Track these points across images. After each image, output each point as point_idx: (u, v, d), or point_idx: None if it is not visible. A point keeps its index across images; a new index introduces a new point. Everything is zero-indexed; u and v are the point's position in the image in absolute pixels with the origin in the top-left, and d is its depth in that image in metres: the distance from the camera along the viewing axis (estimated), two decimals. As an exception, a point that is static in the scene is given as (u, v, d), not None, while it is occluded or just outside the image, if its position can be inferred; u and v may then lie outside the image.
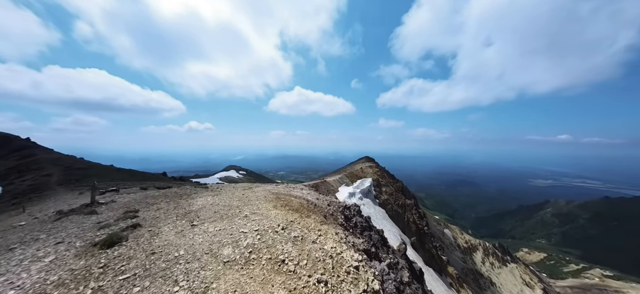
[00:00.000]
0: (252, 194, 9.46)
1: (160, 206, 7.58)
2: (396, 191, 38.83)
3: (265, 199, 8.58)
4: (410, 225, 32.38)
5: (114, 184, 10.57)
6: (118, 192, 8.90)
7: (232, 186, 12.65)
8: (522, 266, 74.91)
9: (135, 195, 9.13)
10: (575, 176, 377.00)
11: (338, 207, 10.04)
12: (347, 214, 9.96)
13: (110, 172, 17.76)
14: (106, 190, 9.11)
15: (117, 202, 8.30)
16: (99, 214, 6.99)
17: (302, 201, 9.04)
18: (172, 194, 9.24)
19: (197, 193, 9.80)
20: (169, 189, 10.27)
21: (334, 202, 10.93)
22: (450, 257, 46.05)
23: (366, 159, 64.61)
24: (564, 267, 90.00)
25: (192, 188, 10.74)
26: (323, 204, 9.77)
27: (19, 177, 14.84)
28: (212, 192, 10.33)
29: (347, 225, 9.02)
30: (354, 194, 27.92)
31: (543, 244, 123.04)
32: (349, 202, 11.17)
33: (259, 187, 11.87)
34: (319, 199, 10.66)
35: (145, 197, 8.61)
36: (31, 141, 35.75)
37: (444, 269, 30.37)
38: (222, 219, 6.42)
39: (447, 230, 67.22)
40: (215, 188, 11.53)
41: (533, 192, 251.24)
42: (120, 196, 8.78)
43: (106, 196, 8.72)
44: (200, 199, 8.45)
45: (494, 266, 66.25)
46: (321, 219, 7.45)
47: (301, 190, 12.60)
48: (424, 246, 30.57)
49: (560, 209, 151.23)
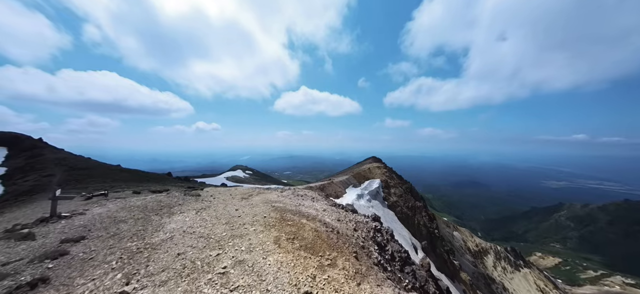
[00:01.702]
0: (248, 211, 7.43)
1: (118, 230, 5.73)
2: (405, 193, 37.60)
3: (264, 223, 6.27)
4: (420, 228, 31.15)
5: (106, 187, 10.08)
6: (106, 197, 8.29)
7: (229, 194, 10.61)
8: (536, 272, 72.00)
9: (115, 204, 7.76)
10: (590, 178, 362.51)
11: (368, 232, 7.50)
12: (380, 240, 7.51)
13: (115, 173, 17.49)
14: (93, 194, 8.51)
15: (85, 216, 6.81)
16: (36, 239, 5.45)
17: (319, 228, 6.29)
18: (152, 206, 7.64)
19: (182, 204, 8.10)
20: (157, 196, 9.12)
21: (360, 222, 8.17)
22: (461, 261, 44.40)
23: (373, 160, 63.37)
24: (581, 273, 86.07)
25: (181, 196, 9.21)
26: (348, 230, 7.00)
27: (22, 178, 14.70)
28: (200, 204, 8.27)
29: (383, 258, 6.67)
30: (362, 196, 26.96)
31: (558, 249, 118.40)
32: (378, 226, 8.58)
33: (259, 196, 9.71)
34: (340, 220, 7.72)
35: (120, 210, 7.17)
36: (43, 141, 36.34)
37: (457, 275, 29.03)
38: (181, 279, 3.89)
39: (457, 233, 65.22)
40: (207, 197, 9.60)
41: (546, 194, 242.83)
42: (97, 206, 7.66)
43: (87, 204, 7.82)
44: (177, 219, 6.57)
45: (507, 271, 63.86)
46: (352, 263, 4.92)
47: (313, 201, 9.94)
48: (436, 250, 29.30)
49: (576, 211, 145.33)
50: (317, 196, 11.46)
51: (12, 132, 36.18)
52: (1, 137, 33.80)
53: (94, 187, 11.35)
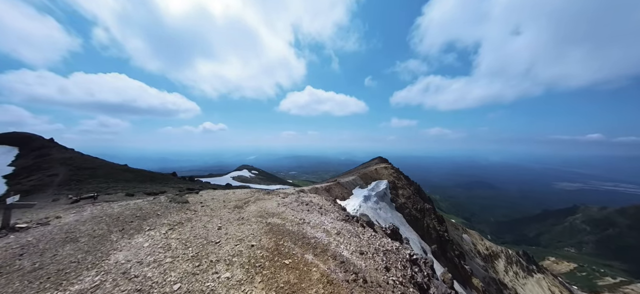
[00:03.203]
0: (234, 231, 5.77)
1: (53, 258, 4.47)
2: (414, 194, 36.53)
3: (248, 261, 4.38)
4: (430, 231, 30.07)
5: (105, 188, 9.74)
6: (94, 201, 7.85)
7: (223, 200, 9.10)
8: (550, 277, 69.26)
9: (90, 212, 6.90)
10: (606, 179, 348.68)
11: (403, 269, 5.43)
12: (421, 280, 5.59)
13: (119, 173, 17.35)
14: (80, 197, 8.07)
15: (43, 228, 5.90)
16: None
17: (334, 274, 4.22)
18: (125, 217, 6.69)
19: (160, 215, 6.90)
20: (142, 202, 8.16)
21: (390, 251, 6.04)
22: (472, 265, 42.91)
23: (379, 160, 62.25)
24: (599, 280, 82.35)
25: (166, 203, 8.11)
26: (377, 273, 4.86)
27: (26, 177, 14.67)
28: (181, 215, 6.98)
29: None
30: (370, 197, 26.14)
31: (573, 254, 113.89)
32: (413, 254, 6.66)
33: (255, 205, 8.27)
34: (364, 253, 5.48)
35: (88, 221, 6.24)
36: (53, 142, 37.07)
37: (468, 280, 27.81)
38: None
39: (466, 235, 63.36)
40: (195, 204, 8.32)
41: (559, 196, 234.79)
42: (73, 213, 6.89)
43: (67, 209, 7.10)
44: (137, 242, 5.19)
45: (519, 276, 61.59)
46: None
47: (321, 214, 7.81)
48: (446, 254, 28.19)
49: (592, 214, 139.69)
50: (325, 204, 9.48)
51: (25, 133, 37.01)
52: (14, 137, 34.61)
53: (94, 187, 11.05)
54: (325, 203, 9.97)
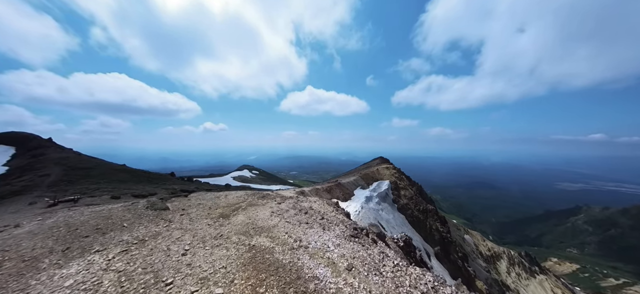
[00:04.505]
0: (204, 258, 4.50)
1: None
2: (416, 195, 35.99)
3: None
4: (433, 233, 29.55)
5: (86, 190, 9.25)
6: (75, 203, 7.31)
7: (209, 207, 7.92)
8: (552, 278, 68.56)
9: (54, 220, 6.16)
10: (609, 180, 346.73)
11: None
12: None
13: (114, 173, 16.92)
14: (58, 201, 7.51)
15: None
16: None
17: None
18: (83, 230, 5.73)
19: (126, 228, 5.95)
20: (111, 209, 7.23)
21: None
22: (474, 267, 42.37)
23: (381, 160, 61.71)
24: (601, 281, 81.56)
25: (140, 210, 7.21)
26: None
27: (18, 177, 14.26)
28: (149, 229, 5.86)
29: None
30: (371, 198, 25.64)
31: (575, 254, 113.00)
32: None
33: (244, 214, 7.16)
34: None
35: (35, 235, 5.33)
36: (51, 141, 36.70)
37: (472, 283, 27.27)
38: None
39: (468, 236, 62.78)
40: (173, 212, 7.29)
41: (560, 196, 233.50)
42: (38, 220, 6.28)
43: (35, 215, 6.46)
44: (70, 272, 4.00)
45: (521, 277, 60.95)
46: None
47: (323, 229, 6.39)
48: (449, 256, 27.65)
49: (594, 215, 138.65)
50: (327, 212, 7.90)
51: (22, 132, 36.66)
52: (11, 137, 34.26)
53: (83, 188, 10.59)
54: (328, 210, 8.49)
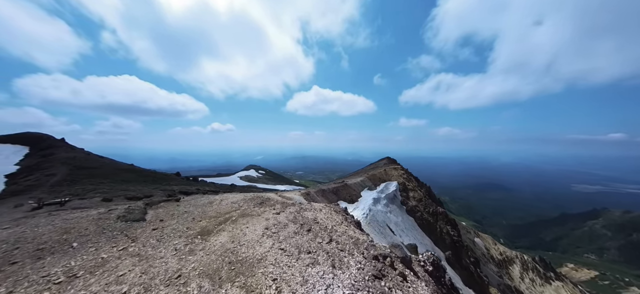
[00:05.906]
0: None
1: None
2: (425, 197, 34.84)
3: None
4: (443, 236, 28.41)
5: (79, 191, 8.96)
6: (61, 206, 6.88)
7: (192, 218, 6.99)
8: (569, 285, 65.44)
9: (20, 228, 5.77)
10: (629, 181, 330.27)
11: None
12: None
13: (118, 173, 16.86)
14: (43, 203, 7.08)
15: None
16: None
17: None
18: (42, 241, 5.28)
19: (74, 252, 5.01)
20: (95, 215, 6.78)
21: None
22: (486, 271, 40.74)
23: (388, 160, 60.53)
24: (623, 290, 77.27)
25: (114, 221, 6.54)
26: None
27: (25, 177, 14.34)
28: (89, 262, 4.63)
29: None
30: (379, 200, 24.82)
31: (593, 260, 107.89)
32: None
33: (224, 234, 5.90)
34: None
35: None
36: (64, 141, 37.61)
37: (485, 290, 26.02)
38: None
39: (478, 239, 60.71)
40: (149, 224, 6.48)
41: (576, 199, 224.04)
42: (7, 228, 5.83)
43: (10, 221, 6.05)
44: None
45: (535, 284, 58.40)
46: None
47: (333, 272, 4.03)
48: (461, 261, 26.48)
49: (614, 219, 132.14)
50: (338, 230, 6.06)
51: (37, 133, 37.72)
52: (27, 137, 35.29)
53: (83, 188, 10.36)
54: (336, 222, 6.73)
